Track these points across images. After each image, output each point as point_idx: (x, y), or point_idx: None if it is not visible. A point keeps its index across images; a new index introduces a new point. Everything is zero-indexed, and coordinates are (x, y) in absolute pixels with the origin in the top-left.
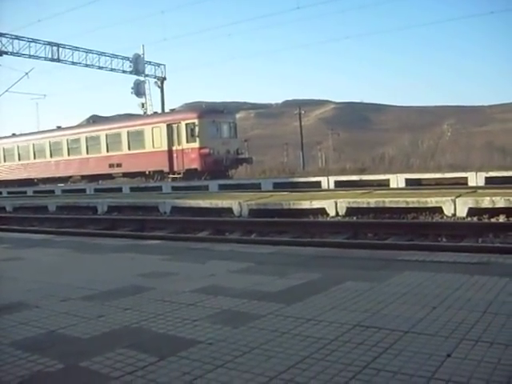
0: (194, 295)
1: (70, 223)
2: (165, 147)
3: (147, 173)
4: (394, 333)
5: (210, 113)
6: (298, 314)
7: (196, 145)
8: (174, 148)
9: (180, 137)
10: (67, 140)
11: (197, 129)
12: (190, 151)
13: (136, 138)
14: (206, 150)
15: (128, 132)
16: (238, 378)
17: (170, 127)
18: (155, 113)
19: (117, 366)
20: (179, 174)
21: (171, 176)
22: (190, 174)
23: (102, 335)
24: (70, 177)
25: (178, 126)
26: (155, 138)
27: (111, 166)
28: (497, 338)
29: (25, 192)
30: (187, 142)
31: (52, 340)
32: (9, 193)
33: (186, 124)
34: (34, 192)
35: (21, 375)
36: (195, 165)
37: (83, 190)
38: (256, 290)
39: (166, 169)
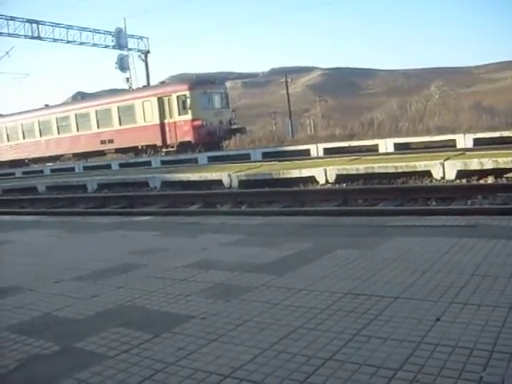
0: (187, 270)
1: (60, 203)
2: (157, 121)
3: (140, 147)
4: (385, 299)
5: (201, 84)
6: (289, 284)
7: (188, 117)
8: (166, 121)
9: (172, 109)
10: (56, 118)
11: (188, 101)
12: (182, 124)
13: (127, 112)
14: (199, 122)
15: (118, 107)
16: (232, 351)
17: (160, 100)
18: (145, 86)
19: (112, 345)
20: (172, 147)
21: (164, 150)
22: (183, 146)
23: (96, 315)
24: (62, 155)
25: (169, 99)
26: (146, 112)
27: (103, 142)
28: (484, 300)
29: (13, 173)
30: (179, 114)
31: (47, 322)
32: None
33: (178, 96)
34: (23, 173)
35: (18, 359)
36: (188, 137)
37: (72, 169)
38: (248, 262)
39: (159, 143)
